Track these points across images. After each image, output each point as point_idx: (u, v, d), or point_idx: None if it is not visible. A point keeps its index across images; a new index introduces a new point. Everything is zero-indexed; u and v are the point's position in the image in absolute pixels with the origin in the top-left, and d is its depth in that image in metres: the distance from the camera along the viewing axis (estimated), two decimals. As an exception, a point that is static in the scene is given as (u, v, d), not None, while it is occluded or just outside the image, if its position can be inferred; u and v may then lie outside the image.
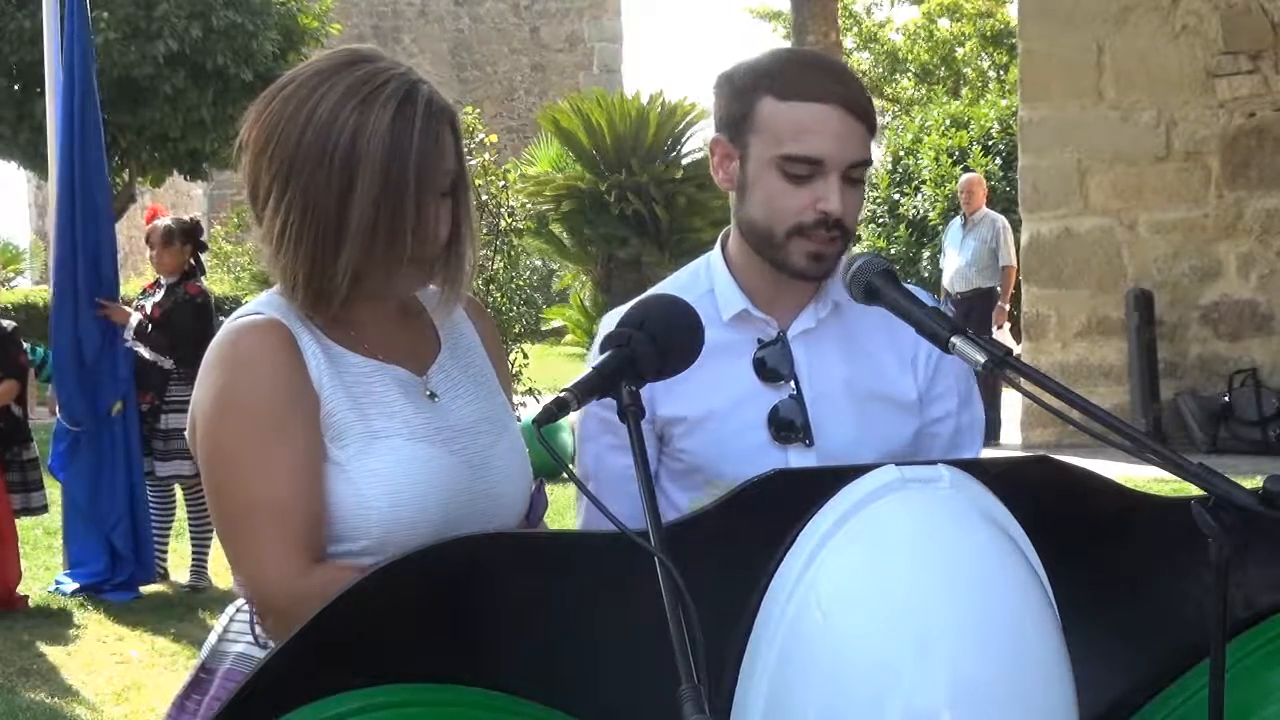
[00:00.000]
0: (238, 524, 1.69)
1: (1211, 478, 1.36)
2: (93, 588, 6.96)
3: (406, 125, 1.67)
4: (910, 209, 18.34)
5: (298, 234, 1.68)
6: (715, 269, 2.07)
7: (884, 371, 2.05)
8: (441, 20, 29.98)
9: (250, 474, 1.67)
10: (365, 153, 1.65)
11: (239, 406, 1.68)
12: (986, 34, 28.56)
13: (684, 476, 2.01)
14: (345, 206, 1.65)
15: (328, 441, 1.70)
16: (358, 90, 1.67)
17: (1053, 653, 1.43)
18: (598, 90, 23.17)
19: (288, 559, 1.65)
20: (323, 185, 1.66)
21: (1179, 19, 10.75)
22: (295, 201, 1.67)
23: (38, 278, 33.33)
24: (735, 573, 1.48)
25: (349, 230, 1.66)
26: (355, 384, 1.73)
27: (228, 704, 1.35)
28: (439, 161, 1.70)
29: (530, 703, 1.46)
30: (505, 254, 8.09)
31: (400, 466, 1.70)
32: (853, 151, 1.94)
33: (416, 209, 1.68)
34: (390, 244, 1.68)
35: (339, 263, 1.67)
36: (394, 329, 1.82)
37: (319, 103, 1.67)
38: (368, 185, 1.65)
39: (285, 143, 1.67)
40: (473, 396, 1.84)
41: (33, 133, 15.04)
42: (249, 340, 1.71)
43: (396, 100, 1.67)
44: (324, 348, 1.74)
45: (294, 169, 1.67)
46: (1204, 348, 10.87)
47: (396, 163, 1.65)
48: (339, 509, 1.69)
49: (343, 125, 1.66)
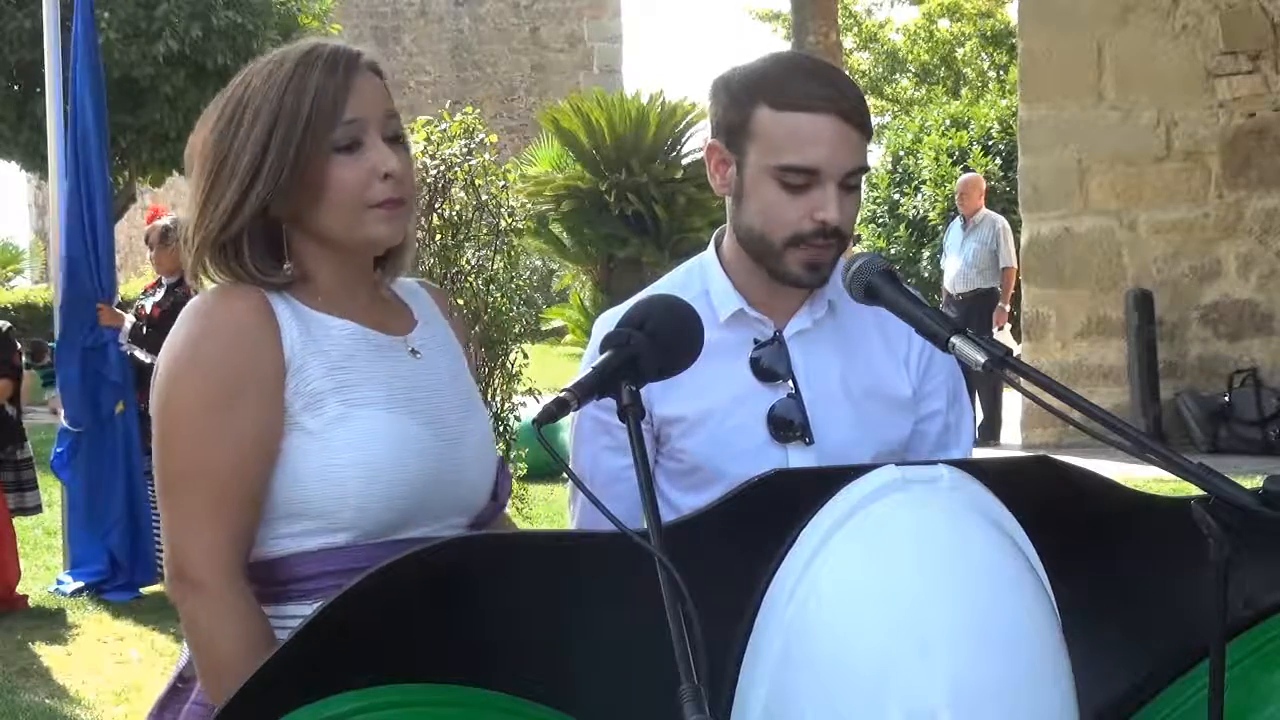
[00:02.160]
0: (174, 487, 1.70)
1: (1211, 478, 1.36)
2: (93, 588, 6.96)
3: (306, 71, 1.73)
4: (910, 209, 18.35)
5: (198, 192, 1.75)
6: (709, 270, 2.08)
7: (879, 370, 2.06)
8: (441, 20, 29.97)
9: (197, 440, 1.69)
10: (262, 106, 1.72)
11: (195, 370, 1.69)
12: (986, 34, 28.56)
13: (683, 477, 2.01)
14: (236, 155, 1.72)
15: (300, 410, 1.70)
16: (270, 64, 1.76)
17: (1053, 653, 1.43)
18: (598, 90, 23.16)
19: (214, 536, 1.67)
20: (223, 141, 1.73)
21: (1179, 19, 10.75)
22: (203, 166, 1.75)
23: (38, 278, 33.34)
24: (735, 572, 1.48)
25: (235, 173, 1.71)
26: (334, 348, 1.74)
27: (228, 704, 1.35)
28: (344, 98, 1.73)
29: (530, 703, 1.46)
30: (505, 254, 8.06)
31: (376, 435, 1.71)
32: (849, 160, 1.94)
33: (326, 146, 1.72)
34: (277, 178, 1.71)
35: (221, 204, 1.72)
36: (369, 301, 1.84)
37: (245, 84, 1.75)
38: (256, 134, 1.71)
39: (211, 123, 1.76)
40: (448, 365, 1.87)
41: (33, 133, 15.05)
42: (219, 305, 1.73)
43: (297, 58, 1.74)
44: (298, 314, 1.75)
45: (207, 144, 1.75)
46: (1204, 348, 10.87)
47: (289, 105, 1.71)
48: (312, 480, 1.69)
49: (252, 92, 1.73)
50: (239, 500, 1.68)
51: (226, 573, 1.67)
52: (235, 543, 1.68)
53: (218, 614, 1.65)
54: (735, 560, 1.48)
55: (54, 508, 7.82)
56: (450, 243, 7.75)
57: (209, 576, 1.66)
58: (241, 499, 1.68)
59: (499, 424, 7.91)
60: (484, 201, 7.90)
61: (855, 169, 1.96)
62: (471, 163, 7.84)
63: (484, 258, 7.97)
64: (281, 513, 1.71)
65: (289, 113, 1.71)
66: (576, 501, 2.12)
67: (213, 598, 1.66)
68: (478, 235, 7.92)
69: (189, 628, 1.70)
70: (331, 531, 1.70)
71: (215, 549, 1.67)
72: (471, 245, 7.91)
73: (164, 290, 7.04)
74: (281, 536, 1.72)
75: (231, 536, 1.68)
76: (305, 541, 1.71)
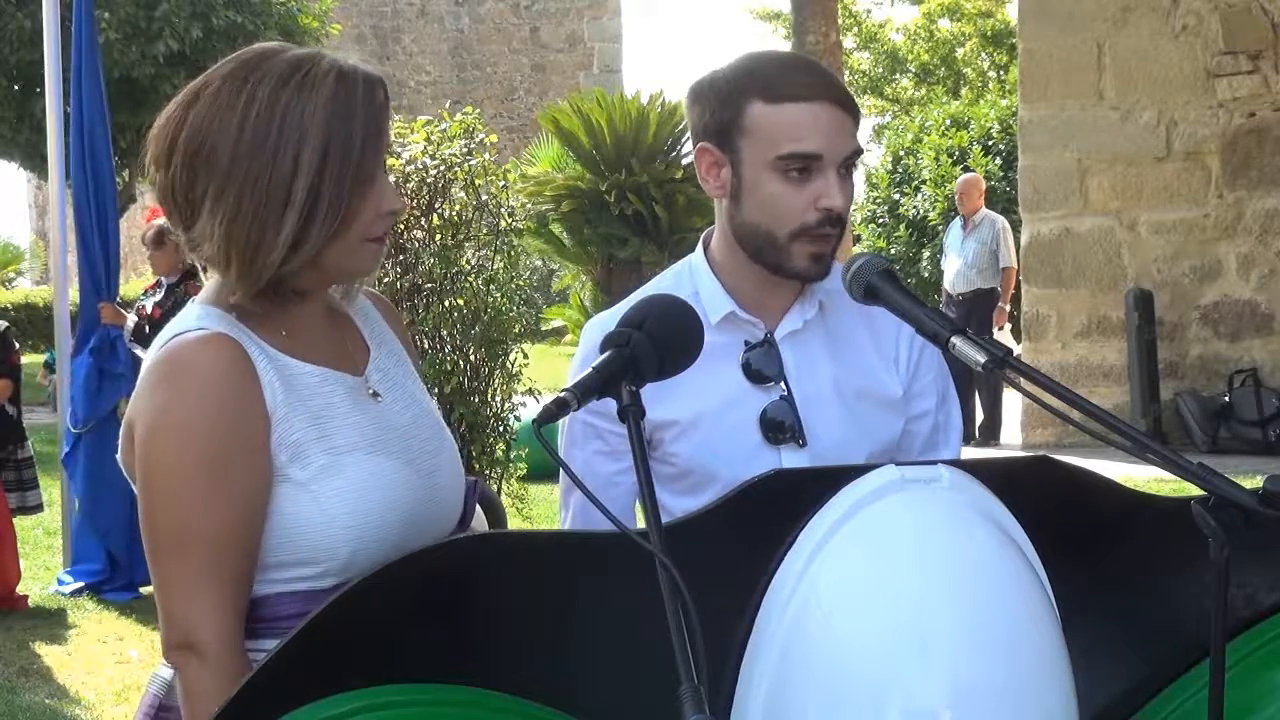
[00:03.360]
0: (168, 553, 1.64)
1: (1211, 478, 1.36)
2: (93, 588, 6.97)
3: (349, 96, 1.66)
4: (910, 209, 18.34)
5: (241, 219, 1.64)
6: (699, 272, 2.08)
7: (870, 370, 2.06)
8: (441, 20, 29.97)
9: (188, 508, 1.62)
10: (309, 127, 1.63)
11: (182, 433, 1.62)
12: (986, 34, 28.57)
13: (675, 480, 2.01)
14: (290, 180, 1.63)
15: (286, 461, 1.66)
16: (290, 75, 1.66)
17: (1053, 653, 1.43)
18: (598, 90, 23.15)
19: (215, 601, 1.61)
20: (266, 166, 1.63)
21: (1179, 19, 10.75)
22: (240, 190, 1.64)
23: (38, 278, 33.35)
24: (735, 573, 1.48)
25: (292, 201, 1.63)
26: (310, 396, 1.69)
27: (228, 704, 1.35)
28: (383, 130, 1.69)
29: (530, 703, 1.46)
30: (505, 254, 8.06)
31: (366, 483, 1.67)
32: (846, 144, 1.97)
33: (365, 179, 1.67)
34: (334, 213, 1.65)
35: (280, 236, 1.63)
36: (327, 330, 1.78)
37: (254, 92, 1.65)
38: (311, 156, 1.63)
39: (224, 137, 1.64)
40: (408, 397, 1.82)
41: (33, 133, 15.07)
42: (197, 359, 1.65)
43: (333, 76, 1.67)
44: (273, 361, 1.68)
45: (235, 160, 1.64)
46: (1204, 348, 10.87)
47: (341, 131, 1.64)
48: (304, 530, 1.65)
49: (285, 107, 1.64)
50: (236, 562, 1.63)
51: (229, 638, 1.62)
52: (236, 606, 1.63)
53: (223, 681, 1.58)
54: (735, 560, 1.48)
55: (54, 507, 7.82)
56: (450, 243, 7.76)
57: (212, 642, 1.61)
58: (238, 560, 1.63)
59: (499, 424, 7.92)
60: (484, 201, 7.91)
61: (852, 153, 1.98)
62: (471, 163, 7.84)
63: (484, 258, 7.97)
64: (271, 561, 1.67)
65: (341, 138, 1.64)
66: (569, 508, 2.11)
67: (218, 664, 1.60)
68: (478, 235, 7.92)
69: (189, 695, 1.63)
70: (320, 577, 1.67)
71: (217, 614, 1.61)
72: (471, 245, 7.92)
73: (164, 290, 7.05)
74: (269, 580, 1.67)
75: (232, 599, 1.63)
76: (293, 585, 1.68)
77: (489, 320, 7.79)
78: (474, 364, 7.86)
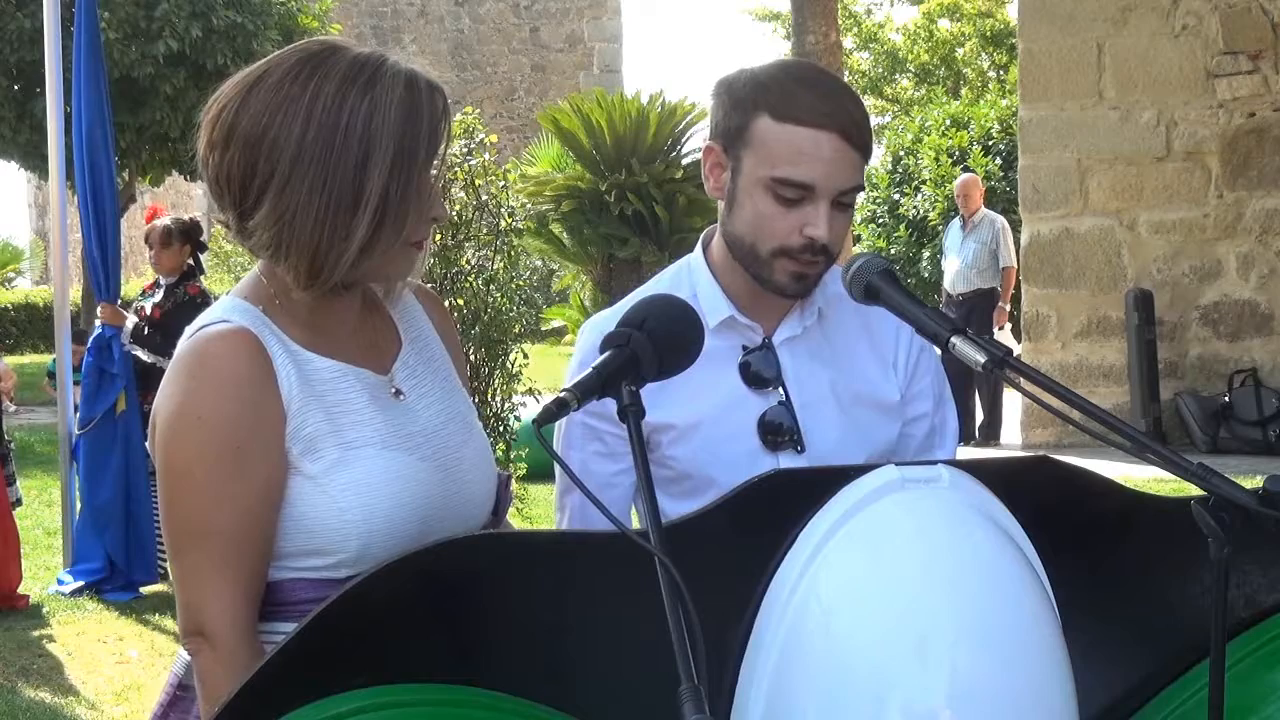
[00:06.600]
0: (186, 546, 1.67)
1: (1211, 478, 1.36)
2: (93, 588, 6.97)
3: (416, 100, 1.67)
4: (910, 209, 18.35)
5: (308, 214, 1.64)
6: (698, 273, 2.06)
7: (867, 375, 2.05)
8: (441, 20, 29.98)
9: (205, 499, 1.65)
10: (380, 128, 1.64)
11: (201, 425, 1.65)
12: (986, 34, 28.58)
13: (672, 484, 2.00)
14: (361, 182, 1.64)
15: (299, 455, 1.68)
16: (356, 75, 1.67)
17: (1053, 653, 1.43)
18: (598, 90, 23.17)
19: (229, 592, 1.64)
20: (335, 165, 1.64)
21: (1179, 19, 10.75)
22: (308, 184, 1.64)
23: (38, 277, 33.35)
24: (735, 573, 1.48)
25: (364, 205, 1.64)
26: (327, 392, 1.71)
27: (228, 703, 1.35)
28: (442, 135, 1.71)
29: (531, 703, 1.46)
30: (505, 254, 8.06)
31: (377, 478, 1.69)
32: (845, 179, 1.92)
33: (425, 182, 1.69)
34: (400, 218, 1.67)
35: (351, 239, 1.65)
36: (358, 326, 1.80)
37: (319, 88, 1.65)
38: (382, 159, 1.64)
39: (287, 130, 1.64)
40: (437, 393, 1.83)
41: (33, 133, 15.07)
42: (218, 351, 1.68)
43: (401, 80, 1.68)
44: (292, 355, 1.70)
45: (301, 153, 1.64)
46: (1204, 348, 10.87)
47: (409, 136, 1.66)
48: (315, 522, 1.68)
49: (354, 107, 1.65)
50: (250, 554, 1.66)
51: (241, 629, 1.65)
52: (249, 596, 1.67)
53: (233, 670, 1.62)
54: (735, 560, 1.48)
55: (54, 507, 7.82)
56: (450, 243, 7.75)
57: (224, 632, 1.64)
58: (253, 552, 1.66)
59: (499, 424, 7.92)
60: (484, 201, 7.90)
61: (850, 188, 1.93)
62: (471, 163, 7.84)
63: (484, 258, 7.97)
64: (285, 551, 1.70)
65: (410, 144, 1.66)
66: (566, 509, 2.11)
67: (229, 654, 1.64)
68: (478, 235, 7.92)
69: (202, 680, 1.67)
70: (334, 567, 1.70)
71: (230, 605, 1.65)
72: (471, 245, 7.92)
73: (163, 291, 7.04)
74: (284, 568, 1.71)
75: (245, 590, 1.66)
76: (307, 572, 1.71)
77: (489, 320, 7.80)
78: (474, 364, 7.86)
